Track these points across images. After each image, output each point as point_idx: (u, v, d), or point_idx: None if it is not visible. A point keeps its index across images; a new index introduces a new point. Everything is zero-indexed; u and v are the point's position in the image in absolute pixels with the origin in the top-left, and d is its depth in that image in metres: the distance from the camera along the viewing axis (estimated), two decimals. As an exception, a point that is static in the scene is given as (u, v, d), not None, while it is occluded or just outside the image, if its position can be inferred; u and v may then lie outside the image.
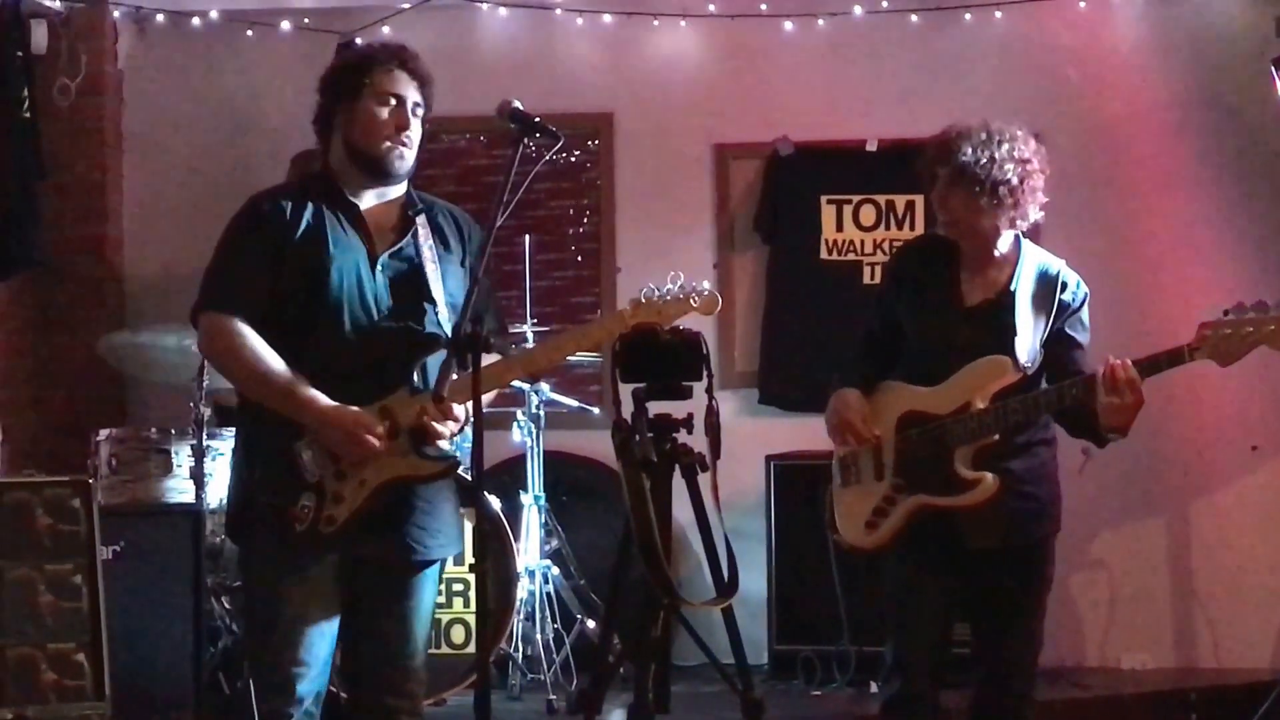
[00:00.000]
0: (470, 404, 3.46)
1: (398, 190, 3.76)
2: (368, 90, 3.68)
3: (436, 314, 3.66)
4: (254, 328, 3.59)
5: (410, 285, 3.67)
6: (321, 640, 3.60)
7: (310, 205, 3.67)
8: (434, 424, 3.53)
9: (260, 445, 3.63)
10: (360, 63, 3.74)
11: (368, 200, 3.72)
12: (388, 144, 3.67)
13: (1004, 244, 4.02)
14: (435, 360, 3.63)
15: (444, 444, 3.61)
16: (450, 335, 3.53)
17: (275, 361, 3.57)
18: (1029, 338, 3.93)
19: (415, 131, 3.72)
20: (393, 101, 3.68)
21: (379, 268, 3.65)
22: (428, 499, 3.65)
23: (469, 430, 3.48)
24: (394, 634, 3.65)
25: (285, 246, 3.61)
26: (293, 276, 3.60)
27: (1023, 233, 4.05)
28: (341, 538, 3.55)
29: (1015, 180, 3.90)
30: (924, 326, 4.05)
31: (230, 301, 3.61)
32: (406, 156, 3.70)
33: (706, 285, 3.67)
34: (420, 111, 3.73)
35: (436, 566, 3.74)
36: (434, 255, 3.70)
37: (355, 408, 3.53)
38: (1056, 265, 4.04)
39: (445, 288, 3.69)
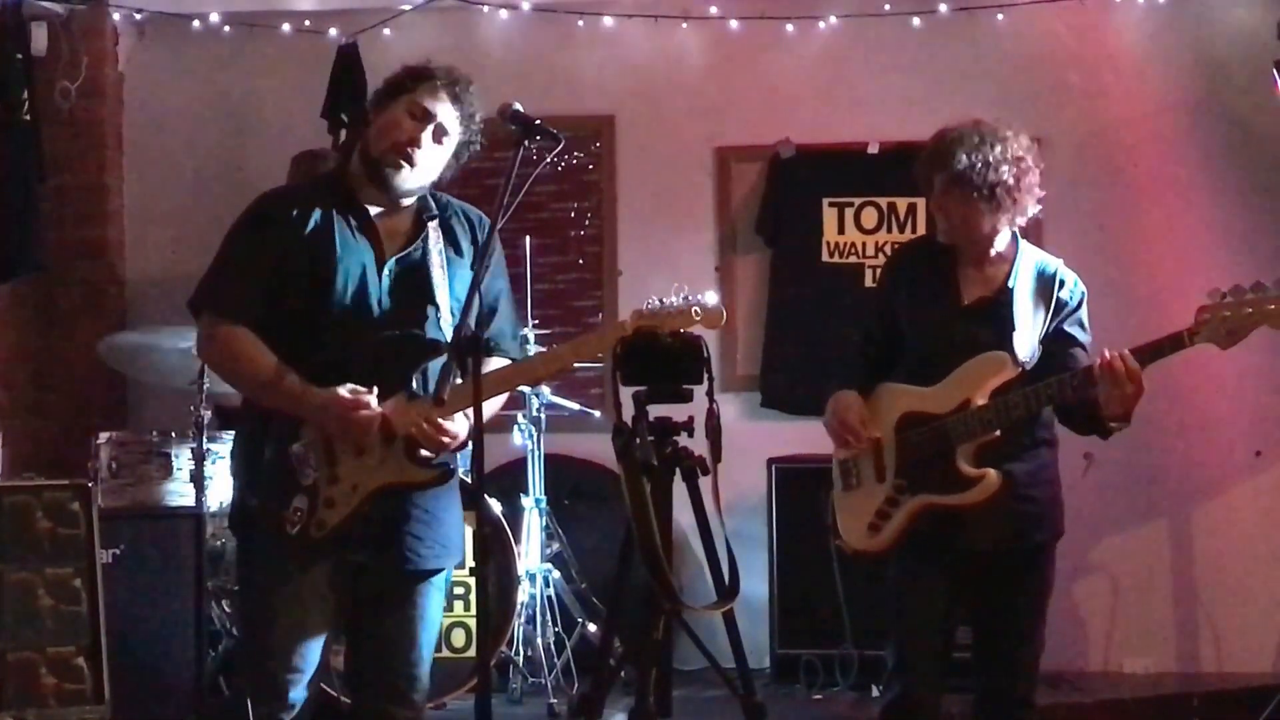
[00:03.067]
0: (471, 417, 3.41)
1: (410, 200, 3.68)
2: (405, 100, 3.60)
3: (439, 318, 3.61)
4: (254, 330, 3.56)
5: (414, 288, 3.61)
6: (315, 647, 3.59)
7: (319, 208, 3.60)
8: (428, 437, 3.49)
9: (257, 446, 3.59)
10: (412, 76, 3.63)
11: (379, 206, 3.65)
12: (390, 153, 3.57)
13: (1001, 242, 4.01)
14: (437, 365, 3.59)
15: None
16: (452, 339, 3.50)
17: (269, 358, 3.54)
18: (1028, 334, 3.92)
19: (430, 152, 3.60)
20: (418, 114, 3.59)
21: (385, 271, 3.60)
22: (426, 508, 3.61)
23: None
24: (396, 642, 3.62)
25: (289, 248, 3.56)
26: (296, 278, 3.55)
27: (1021, 231, 4.05)
28: (334, 544, 3.52)
29: (1011, 180, 3.90)
30: (922, 325, 4.05)
31: (231, 304, 3.58)
32: (405, 171, 3.59)
33: (713, 298, 3.58)
34: (447, 140, 3.62)
35: (441, 576, 3.69)
36: (442, 260, 3.64)
37: (346, 385, 3.48)
38: (1054, 263, 4.05)
39: (452, 292, 3.62)
